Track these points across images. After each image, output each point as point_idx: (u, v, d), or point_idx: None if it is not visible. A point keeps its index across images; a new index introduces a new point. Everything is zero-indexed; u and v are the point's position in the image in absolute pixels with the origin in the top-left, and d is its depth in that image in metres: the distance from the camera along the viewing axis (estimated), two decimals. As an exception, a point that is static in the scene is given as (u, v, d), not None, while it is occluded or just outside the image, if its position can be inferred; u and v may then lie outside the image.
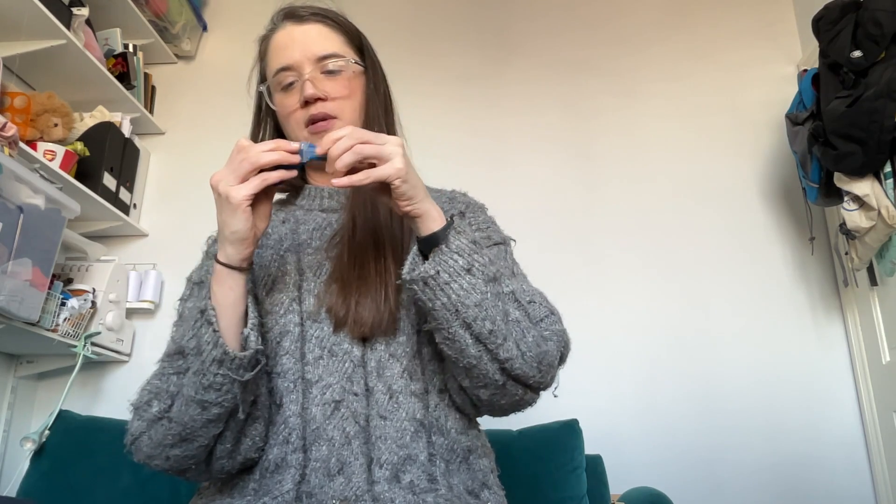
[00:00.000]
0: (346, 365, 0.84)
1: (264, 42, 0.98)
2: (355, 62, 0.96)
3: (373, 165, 0.73)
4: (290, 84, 0.93)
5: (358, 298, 0.84)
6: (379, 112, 0.96)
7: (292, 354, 0.84)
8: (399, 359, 0.85)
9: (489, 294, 0.77)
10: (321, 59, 0.93)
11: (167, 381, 0.82)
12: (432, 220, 0.77)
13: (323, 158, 0.74)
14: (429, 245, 0.78)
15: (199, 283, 0.92)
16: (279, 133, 1.00)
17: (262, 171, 0.73)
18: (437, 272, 0.74)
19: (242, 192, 0.72)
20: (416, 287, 0.76)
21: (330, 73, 0.93)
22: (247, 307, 0.79)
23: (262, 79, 1.00)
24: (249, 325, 0.77)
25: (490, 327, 0.76)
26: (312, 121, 0.92)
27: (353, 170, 0.72)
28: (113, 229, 2.07)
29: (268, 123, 1.02)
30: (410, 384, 0.84)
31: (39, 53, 1.76)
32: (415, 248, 0.79)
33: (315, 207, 0.99)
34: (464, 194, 1.05)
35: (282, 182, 0.75)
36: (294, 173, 0.75)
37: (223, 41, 2.45)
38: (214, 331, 0.74)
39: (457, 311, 0.75)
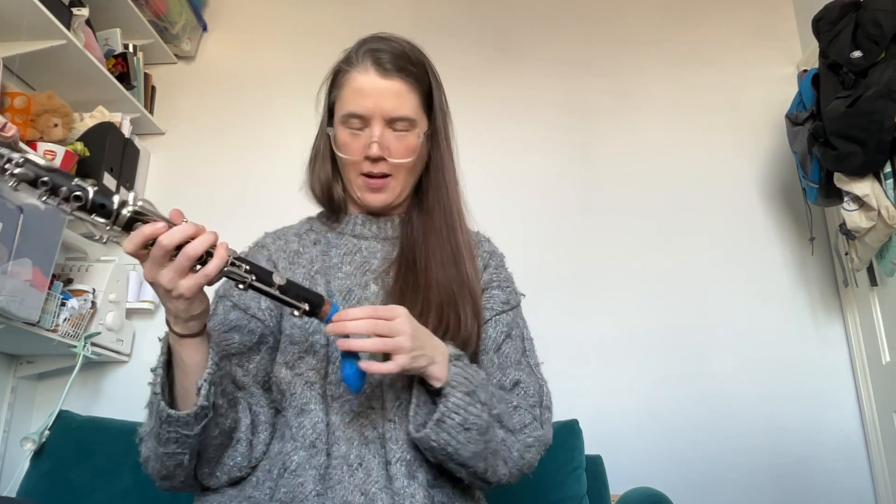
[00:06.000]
0: (365, 387, 0.87)
1: (342, 74, 0.98)
2: (422, 134, 0.98)
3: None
4: (358, 130, 0.95)
5: None
6: (440, 175, 1.00)
7: (318, 371, 0.89)
8: (409, 374, 0.89)
9: (482, 441, 0.83)
10: (392, 121, 0.95)
11: (146, 431, 0.83)
12: (436, 381, 0.82)
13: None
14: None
15: (222, 297, 0.96)
16: (333, 159, 1.01)
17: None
18: (438, 434, 0.81)
19: (196, 283, 0.72)
20: (421, 445, 0.84)
21: (397, 132, 0.96)
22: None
23: (330, 107, 1.01)
24: (205, 374, 0.78)
25: (483, 466, 0.84)
26: (369, 175, 0.96)
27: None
28: (113, 229, 2.06)
29: (328, 153, 1.02)
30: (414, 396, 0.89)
31: (39, 53, 1.76)
32: (415, 402, 0.84)
33: (347, 232, 1.02)
34: (487, 240, 1.08)
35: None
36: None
37: (223, 41, 2.45)
38: (155, 393, 0.78)
39: (452, 458, 0.83)
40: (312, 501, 0.81)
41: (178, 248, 0.70)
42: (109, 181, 1.99)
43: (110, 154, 2.00)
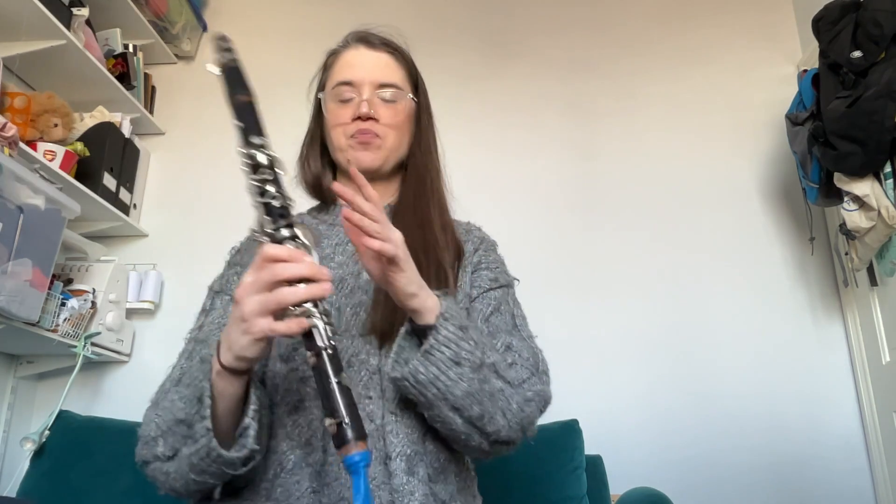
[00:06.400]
0: (363, 374, 0.87)
1: (333, 56, 1.04)
2: (410, 97, 1.03)
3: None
4: (348, 98, 0.99)
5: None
6: (417, 149, 1.03)
7: None
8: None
9: (476, 380, 0.80)
10: (381, 86, 1.00)
11: (173, 434, 0.78)
12: (429, 313, 0.79)
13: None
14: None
15: (219, 293, 0.96)
16: (324, 150, 1.04)
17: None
18: (427, 368, 0.77)
19: (265, 328, 0.68)
20: (407, 384, 0.79)
21: (385, 100, 1.00)
22: (248, 393, 0.77)
23: (321, 87, 1.05)
24: (251, 412, 0.75)
25: (479, 410, 0.80)
26: (359, 132, 0.98)
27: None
28: (113, 229, 2.07)
29: (320, 131, 1.05)
30: None
31: (39, 53, 1.76)
32: (399, 342, 0.81)
33: (338, 223, 1.01)
34: (479, 228, 1.09)
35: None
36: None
37: (223, 41, 2.44)
38: (208, 429, 0.72)
39: (446, 399, 0.79)
40: (308, 499, 0.79)
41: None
42: (109, 181, 1.99)
43: (110, 154, 2.00)
